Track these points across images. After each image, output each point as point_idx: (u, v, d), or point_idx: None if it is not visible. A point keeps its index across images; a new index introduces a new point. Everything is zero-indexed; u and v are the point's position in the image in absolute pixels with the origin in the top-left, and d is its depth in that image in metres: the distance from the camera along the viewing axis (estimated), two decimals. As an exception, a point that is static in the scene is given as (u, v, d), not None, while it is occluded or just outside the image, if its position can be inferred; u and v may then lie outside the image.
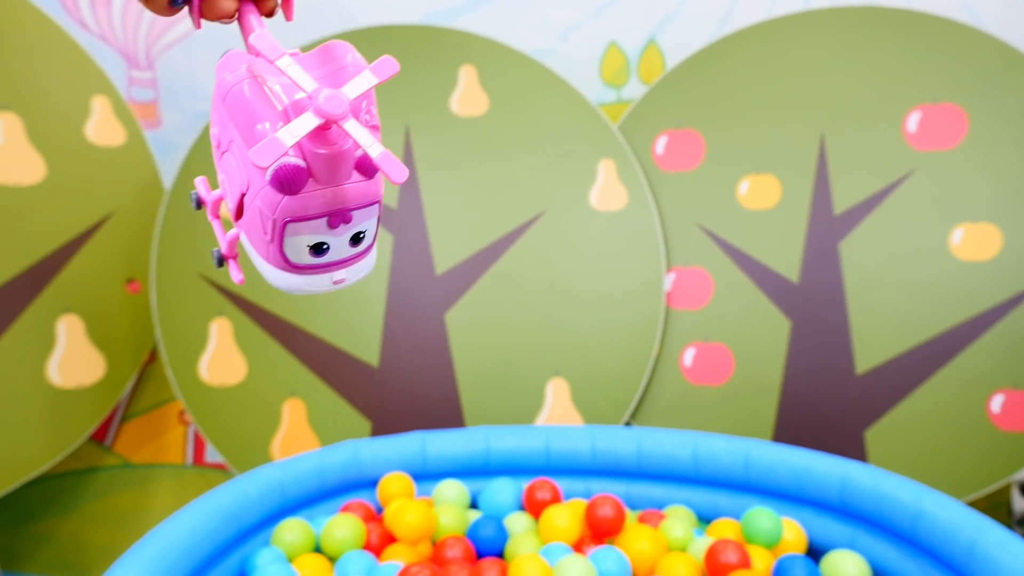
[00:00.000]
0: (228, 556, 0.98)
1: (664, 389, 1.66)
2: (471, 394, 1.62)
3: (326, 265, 0.33)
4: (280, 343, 1.65)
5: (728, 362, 1.64)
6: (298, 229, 0.31)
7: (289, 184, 0.29)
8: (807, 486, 1.08)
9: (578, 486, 1.26)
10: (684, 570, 0.98)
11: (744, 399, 1.63)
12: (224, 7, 0.35)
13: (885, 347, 1.56)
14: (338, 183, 0.31)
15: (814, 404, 1.59)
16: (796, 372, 1.60)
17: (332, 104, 0.28)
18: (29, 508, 1.88)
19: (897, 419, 1.55)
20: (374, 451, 1.20)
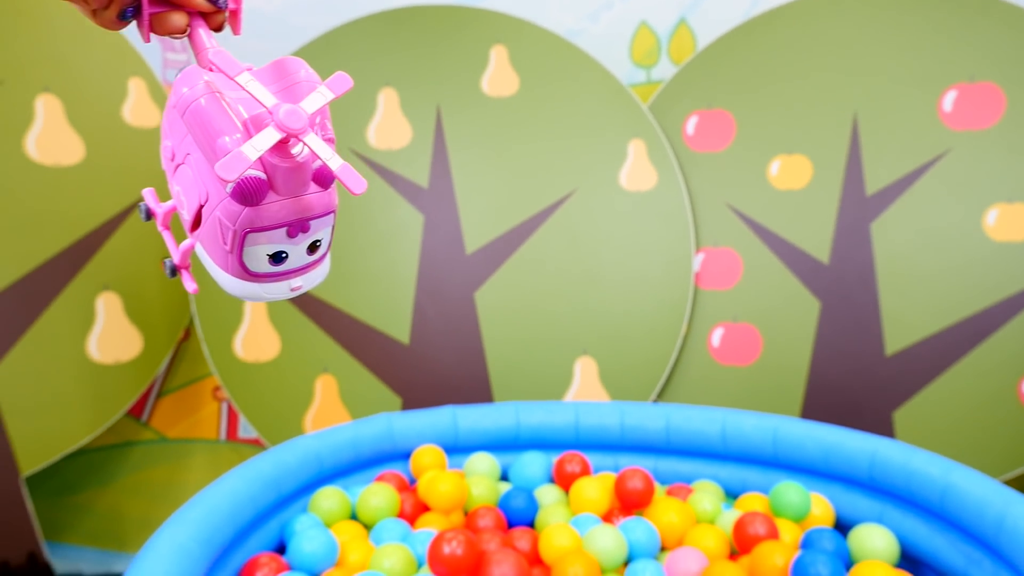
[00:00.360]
0: (268, 522, 1.01)
1: (692, 369, 1.67)
2: (500, 372, 1.64)
3: (284, 273, 0.35)
4: (312, 320, 1.68)
5: (756, 342, 1.64)
6: (258, 239, 0.32)
7: (250, 196, 0.31)
8: (836, 462, 1.09)
9: (607, 461, 1.28)
10: (713, 541, 1.00)
11: (772, 380, 1.63)
12: (175, 23, 0.35)
13: (915, 328, 1.55)
14: (297, 194, 0.32)
15: (842, 385, 1.59)
16: (825, 353, 1.60)
17: (292, 119, 0.29)
18: (69, 480, 1.93)
19: (926, 400, 1.54)
20: (407, 424, 1.23)
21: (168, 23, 0.35)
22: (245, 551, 0.95)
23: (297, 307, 1.69)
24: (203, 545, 0.80)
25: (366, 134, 1.68)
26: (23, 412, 1.58)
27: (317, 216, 0.34)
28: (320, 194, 0.33)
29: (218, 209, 0.32)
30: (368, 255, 1.68)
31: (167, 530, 0.79)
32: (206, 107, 0.30)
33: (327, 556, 0.94)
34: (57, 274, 1.62)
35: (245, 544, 0.95)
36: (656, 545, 1.01)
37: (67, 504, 1.95)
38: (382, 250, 1.68)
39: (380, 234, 1.68)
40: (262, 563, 0.91)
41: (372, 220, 1.68)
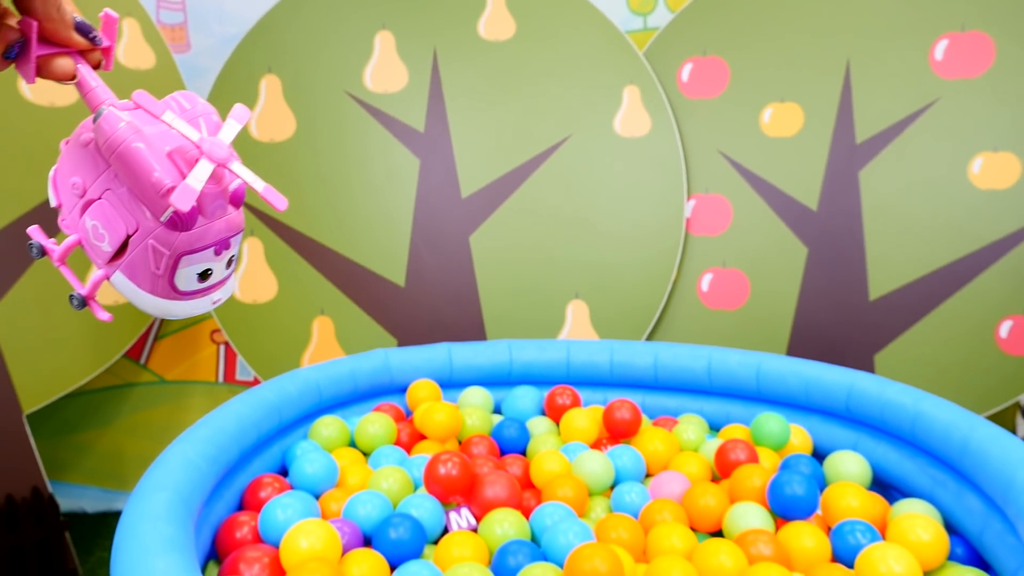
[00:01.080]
0: (270, 447, 1.06)
1: (681, 313, 1.71)
2: (494, 314, 1.68)
3: (208, 288, 0.37)
4: (309, 263, 1.71)
5: (744, 287, 1.68)
6: (191, 260, 0.35)
7: (184, 222, 0.34)
8: (815, 395, 1.14)
9: (596, 397, 1.32)
10: (696, 467, 1.04)
11: (759, 324, 1.67)
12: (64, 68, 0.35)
13: (899, 274, 1.59)
14: (219, 216, 0.35)
15: (826, 329, 1.64)
16: (810, 298, 1.64)
17: (217, 150, 0.33)
18: (70, 421, 1.97)
19: (907, 344, 1.59)
20: (403, 359, 1.27)
21: (56, 68, 0.36)
22: (249, 473, 0.99)
23: (294, 250, 1.72)
24: (210, 462, 0.84)
25: (363, 77, 1.69)
26: (23, 351, 1.61)
27: (236, 234, 0.37)
28: (235, 214, 0.37)
29: (151, 238, 0.34)
30: (365, 199, 1.71)
31: (177, 446, 0.83)
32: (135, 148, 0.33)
33: (328, 477, 0.98)
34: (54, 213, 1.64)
35: (248, 467, 1.00)
36: (642, 471, 1.06)
37: (69, 444, 1.98)
38: (379, 194, 1.70)
39: (377, 178, 1.70)
40: (266, 483, 0.96)
41: (369, 164, 1.70)
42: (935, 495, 0.95)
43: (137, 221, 0.35)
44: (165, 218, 0.34)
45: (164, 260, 0.35)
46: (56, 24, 0.35)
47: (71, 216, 0.37)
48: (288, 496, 0.87)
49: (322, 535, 0.79)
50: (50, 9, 0.34)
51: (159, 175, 0.33)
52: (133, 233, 0.35)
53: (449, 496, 0.93)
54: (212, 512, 0.88)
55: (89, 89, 0.37)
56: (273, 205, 0.35)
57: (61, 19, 0.35)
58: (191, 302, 0.37)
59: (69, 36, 0.35)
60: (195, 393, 2.03)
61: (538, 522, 0.91)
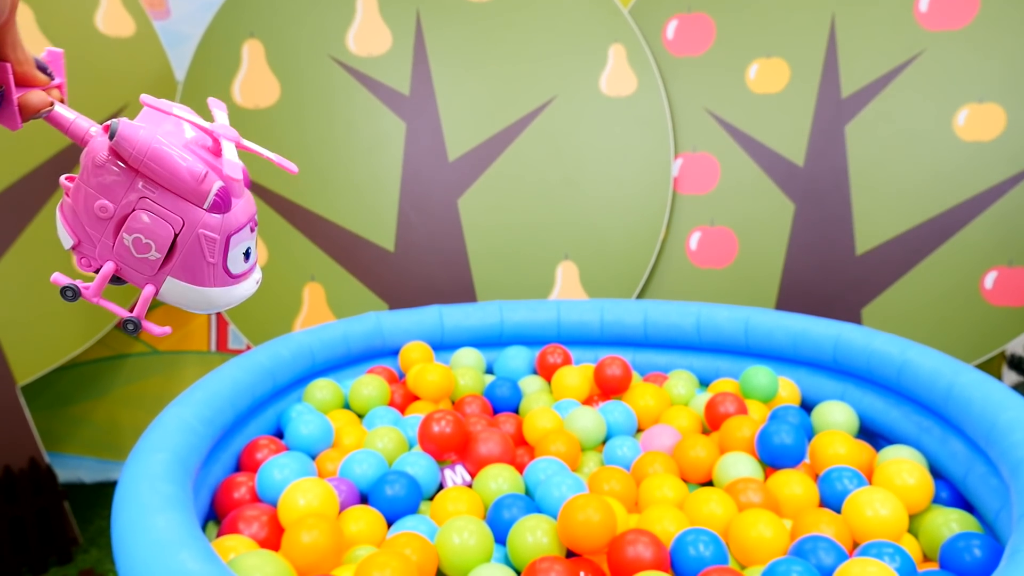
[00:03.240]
0: (265, 410, 1.07)
1: (670, 272, 1.71)
2: (484, 277, 1.68)
3: (250, 268, 0.39)
4: (299, 229, 1.70)
5: (732, 245, 1.69)
6: (237, 240, 0.37)
7: (226, 201, 0.35)
8: (803, 347, 1.15)
9: (587, 355, 1.33)
10: (686, 420, 1.06)
11: (747, 281, 1.68)
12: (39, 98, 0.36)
13: (885, 228, 1.60)
14: (242, 195, 0.37)
15: (814, 284, 1.65)
16: (798, 254, 1.65)
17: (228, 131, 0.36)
18: (65, 393, 1.97)
19: (893, 297, 1.61)
20: (395, 322, 1.27)
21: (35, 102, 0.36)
22: (245, 436, 1.00)
23: (283, 216, 1.71)
24: (206, 425, 0.85)
25: (346, 40, 1.67)
26: (14, 323, 1.60)
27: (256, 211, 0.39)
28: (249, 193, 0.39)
29: (199, 227, 0.36)
30: (352, 164, 1.70)
31: (173, 409, 0.84)
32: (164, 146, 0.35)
33: (323, 438, 1.00)
34: (43, 184, 1.62)
35: (244, 430, 1.01)
36: (633, 426, 1.07)
37: (64, 416, 1.99)
38: (366, 159, 1.69)
39: (363, 143, 1.69)
40: (262, 444, 0.97)
41: (355, 129, 1.69)
42: (920, 441, 0.97)
43: (181, 216, 0.36)
44: (209, 202, 0.36)
45: (217, 245, 0.36)
46: (24, 66, 0.35)
47: (101, 244, 0.38)
48: (285, 456, 0.88)
49: (319, 493, 0.80)
50: (18, 52, 0.35)
51: (191, 164, 0.35)
52: (180, 230, 0.36)
53: (444, 454, 0.95)
54: (209, 474, 0.90)
55: (68, 121, 0.38)
56: (287, 169, 0.37)
57: (27, 60, 0.36)
58: (242, 284, 0.39)
59: (35, 76, 0.36)
60: (188, 363, 2.03)
61: (532, 477, 0.93)
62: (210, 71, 1.69)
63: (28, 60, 0.35)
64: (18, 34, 0.35)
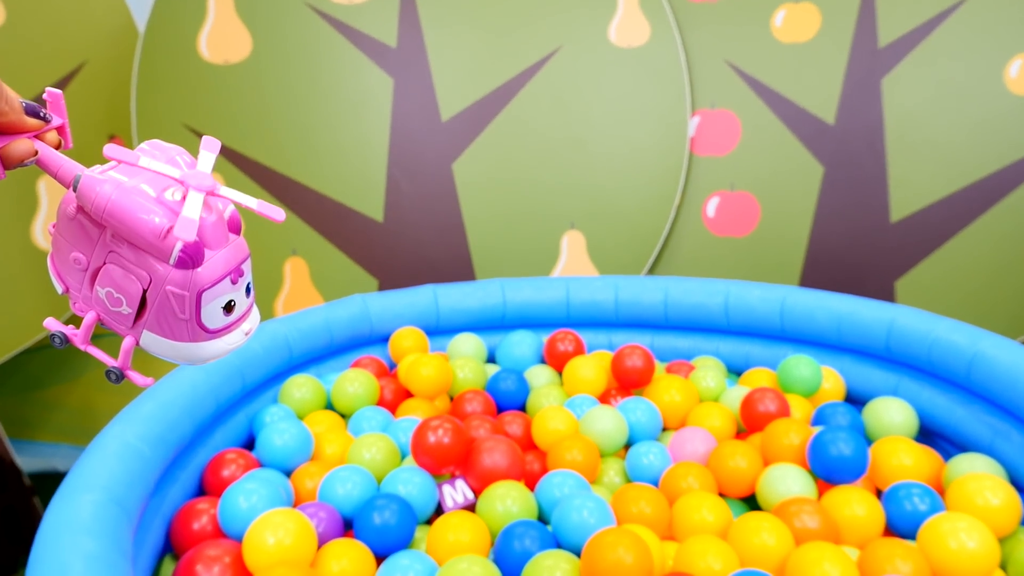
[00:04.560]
0: (234, 415, 0.92)
1: (685, 241, 1.57)
2: (482, 249, 1.54)
3: (236, 321, 0.37)
4: (278, 198, 1.55)
5: (754, 212, 1.54)
6: (211, 295, 0.35)
7: (193, 257, 0.33)
8: (849, 333, 1.01)
9: (600, 339, 1.20)
10: (719, 420, 0.93)
11: (770, 250, 1.54)
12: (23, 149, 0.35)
13: (924, 192, 1.46)
14: (224, 244, 0.35)
15: (844, 254, 1.51)
16: (826, 221, 1.51)
17: (201, 180, 0.33)
18: (34, 376, 1.85)
19: (930, 269, 1.47)
20: (384, 305, 1.13)
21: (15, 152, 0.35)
22: (210, 448, 0.86)
23: (260, 184, 1.56)
24: (156, 445, 0.71)
25: (324, -14, 1.50)
26: (-29, 305, 1.46)
27: (244, 259, 0.36)
28: (238, 240, 0.36)
29: (167, 283, 0.34)
30: (335, 126, 1.53)
31: (113, 429, 0.70)
32: (123, 201, 0.33)
33: (301, 450, 0.86)
34: None
35: (209, 440, 0.87)
36: (658, 426, 0.94)
37: (35, 401, 1.87)
38: (350, 119, 1.53)
39: (346, 102, 1.52)
40: (229, 460, 0.83)
41: (337, 87, 1.52)
42: (994, 447, 0.83)
43: (148, 272, 0.35)
44: (174, 259, 0.33)
45: (187, 302, 0.35)
46: (8, 116, 0.35)
47: (82, 294, 0.37)
48: (251, 480, 0.74)
49: (292, 528, 0.66)
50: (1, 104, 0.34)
51: (153, 218, 0.33)
52: (148, 286, 0.35)
53: (441, 468, 0.81)
54: (165, 499, 0.76)
55: (56, 166, 0.36)
56: (271, 218, 0.35)
57: (12, 109, 0.35)
58: (224, 338, 0.37)
59: (22, 122, 0.35)
60: None
61: (545, 494, 0.80)
62: (173, 22, 1.52)
63: (15, 108, 0.35)
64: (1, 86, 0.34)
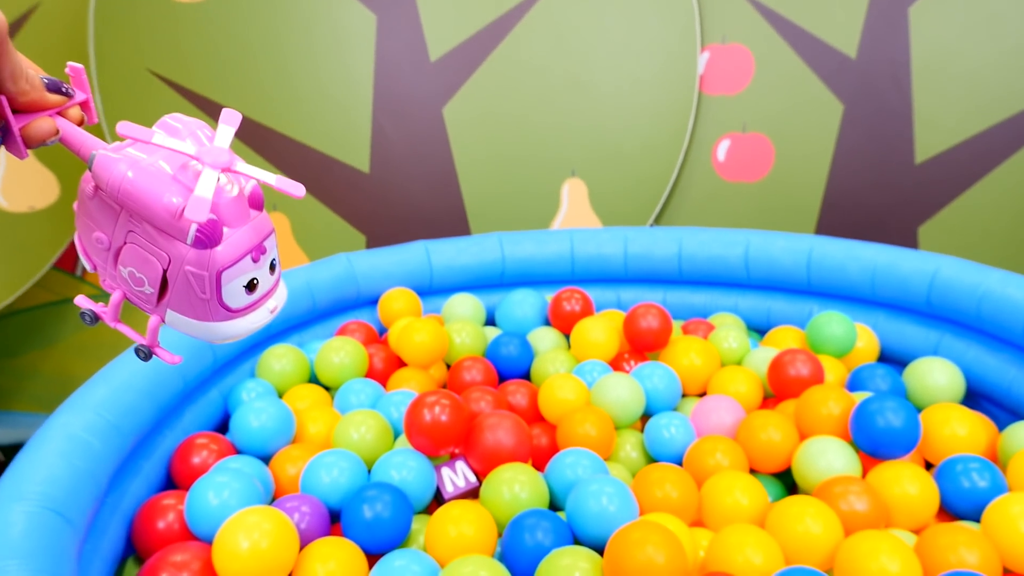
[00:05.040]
0: (206, 392, 0.83)
1: (694, 188, 1.47)
2: (477, 200, 1.43)
3: (260, 299, 0.36)
4: (252, 148, 1.43)
5: (767, 154, 1.44)
6: (231, 274, 0.34)
7: (211, 237, 0.33)
8: (885, 286, 0.92)
9: (608, 296, 1.10)
10: (744, 385, 0.84)
11: (784, 196, 1.44)
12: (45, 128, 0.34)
13: (952, 131, 1.35)
14: (245, 222, 0.34)
15: (864, 198, 1.41)
16: (845, 163, 1.41)
17: (217, 156, 0.33)
18: (8, 344, 1.76)
19: (956, 213, 1.38)
20: (371, 264, 1.03)
21: (36, 131, 0.34)
22: (178, 431, 0.77)
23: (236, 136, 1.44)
24: (108, 436, 0.62)
25: (295, -89, 1.36)
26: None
27: (267, 236, 0.35)
28: (261, 216, 0.35)
29: (185, 263, 0.34)
30: (312, 68, 1.41)
31: (58, 419, 0.60)
32: (137, 181, 0.33)
33: (280, 431, 0.76)
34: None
35: (178, 423, 0.77)
36: (677, 393, 0.85)
37: (9, 369, 1.78)
38: (330, 62, 1.40)
39: (324, 41, 1.40)
40: (199, 444, 0.73)
41: (314, 26, 1.39)
42: (1055, 412, 0.75)
43: (167, 252, 0.34)
44: (191, 239, 0.33)
45: (206, 282, 0.34)
46: (30, 95, 0.34)
47: (108, 273, 0.37)
48: (222, 472, 0.65)
49: (269, 529, 0.57)
50: (20, 83, 0.33)
51: (169, 198, 0.32)
52: (167, 266, 0.34)
53: (439, 449, 0.72)
54: (127, 493, 0.67)
55: (78, 143, 0.35)
56: (290, 194, 0.34)
57: (33, 87, 0.34)
58: (248, 317, 0.36)
59: (44, 99, 0.35)
60: None
61: (557, 476, 0.71)
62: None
63: (35, 86, 0.34)
64: (18, 64, 0.33)
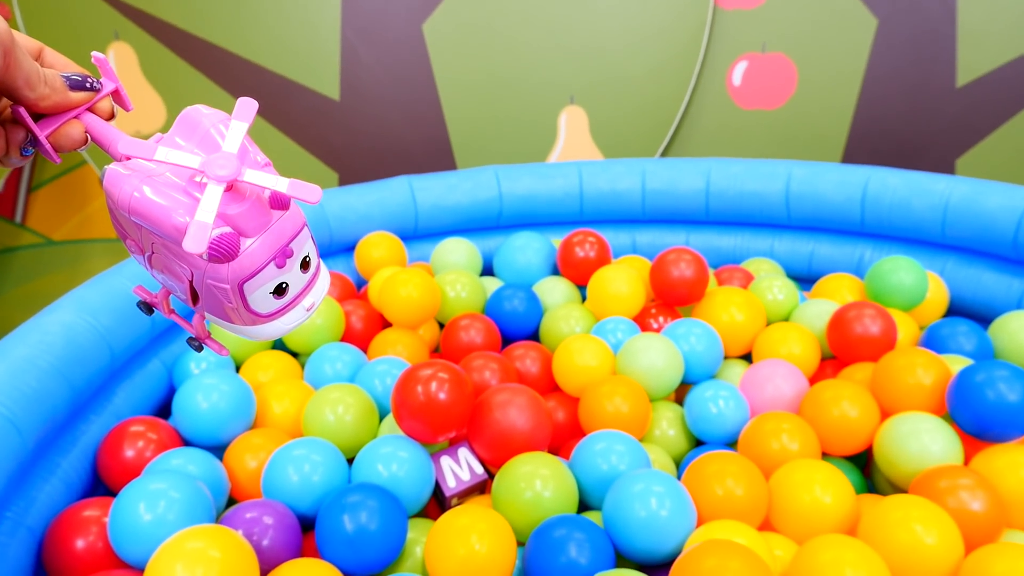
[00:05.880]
0: (145, 363, 0.67)
1: (705, 117, 1.32)
2: (462, 130, 1.28)
3: (294, 299, 0.34)
4: (206, 75, 1.25)
5: (789, 78, 1.28)
6: (254, 284, 0.32)
7: (227, 252, 0.31)
8: (959, 227, 0.78)
9: (622, 239, 0.95)
10: (799, 346, 0.70)
11: (806, 125, 1.30)
12: (74, 135, 0.33)
13: (999, 49, 1.22)
14: (265, 228, 0.32)
15: (897, 127, 1.27)
16: (878, 87, 1.26)
17: (223, 167, 0.30)
18: (-57, 295, 1.59)
19: (1000, 143, 1.26)
20: (345, 204, 0.87)
21: (68, 138, 0.33)
22: (109, 416, 0.61)
23: (183, 58, 1.25)
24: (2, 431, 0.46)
25: None
26: None
27: (292, 238, 0.32)
28: (285, 217, 0.32)
29: (206, 277, 0.32)
30: (270, -22, 1.22)
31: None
32: (145, 199, 0.31)
33: (236, 414, 0.61)
34: None
35: (108, 404, 0.62)
36: (718, 357, 0.70)
37: (-55, 324, 1.62)
38: (289, -31, 1.22)
39: (283, -55, 1.21)
40: (132, 435, 0.58)
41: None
42: None
43: (188, 265, 0.32)
44: (206, 256, 0.30)
45: (230, 293, 0.32)
46: (51, 99, 0.32)
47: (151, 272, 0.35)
48: (157, 476, 0.49)
49: (218, 557, 0.43)
50: (39, 88, 0.31)
51: (177, 218, 0.30)
52: (191, 278, 0.32)
53: (438, 435, 0.57)
54: (36, 501, 0.51)
55: (108, 142, 0.33)
56: (305, 200, 0.30)
57: (54, 89, 0.32)
58: (283, 318, 0.34)
59: (68, 100, 0.33)
60: (93, 254, 1.67)
61: (585, 466, 0.57)
62: None
63: (56, 88, 0.32)
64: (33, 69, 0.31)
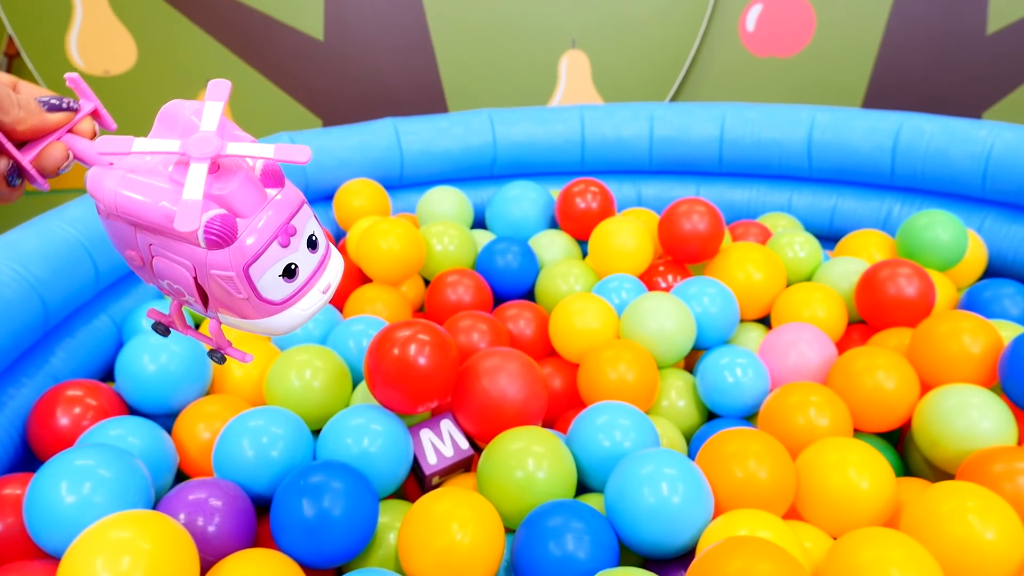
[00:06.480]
0: (90, 319, 0.60)
1: (716, 63, 1.25)
2: (455, 74, 1.20)
3: (307, 282, 0.33)
4: (181, 11, 1.17)
5: (807, 22, 1.20)
6: (260, 267, 0.30)
7: (225, 234, 0.30)
8: (1001, 180, 0.70)
9: (627, 191, 0.88)
10: (823, 309, 0.63)
11: (824, 73, 1.23)
12: (56, 155, 0.32)
13: (1035, -9, 1.12)
14: (261, 205, 0.31)
15: (921, 76, 1.20)
16: (902, 32, 1.18)
17: (203, 146, 0.29)
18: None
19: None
20: (322, 147, 0.79)
21: (50, 158, 0.32)
22: (44, 378, 0.54)
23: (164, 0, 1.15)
24: None
25: None
26: None
27: (292, 215, 0.31)
28: (281, 194, 0.31)
29: (209, 268, 0.30)
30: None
31: None
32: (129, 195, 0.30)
33: (189, 376, 0.54)
34: None
35: (42, 366, 0.54)
36: (734, 320, 0.63)
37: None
38: None
39: None
40: (68, 399, 0.51)
41: None
42: None
43: (188, 259, 0.31)
44: (203, 242, 0.29)
45: (237, 281, 0.30)
46: (28, 122, 0.31)
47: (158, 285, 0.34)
48: (85, 451, 0.42)
49: (148, 550, 0.36)
50: (12, 112, 0.31)
51: (163, 205, 0.29)
52: (195, 274, 0.31)
53: (417, 405, 0.50)
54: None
55: (91, 160, 0.32)
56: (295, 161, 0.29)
57: (29, 112, 0.31)
58: (299, 304, 0.32)
59: (45, 122, 0.32)
60: None
61: (584, 443, 0.50)
62: None
63: (32, 111, 0.31)
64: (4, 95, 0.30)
